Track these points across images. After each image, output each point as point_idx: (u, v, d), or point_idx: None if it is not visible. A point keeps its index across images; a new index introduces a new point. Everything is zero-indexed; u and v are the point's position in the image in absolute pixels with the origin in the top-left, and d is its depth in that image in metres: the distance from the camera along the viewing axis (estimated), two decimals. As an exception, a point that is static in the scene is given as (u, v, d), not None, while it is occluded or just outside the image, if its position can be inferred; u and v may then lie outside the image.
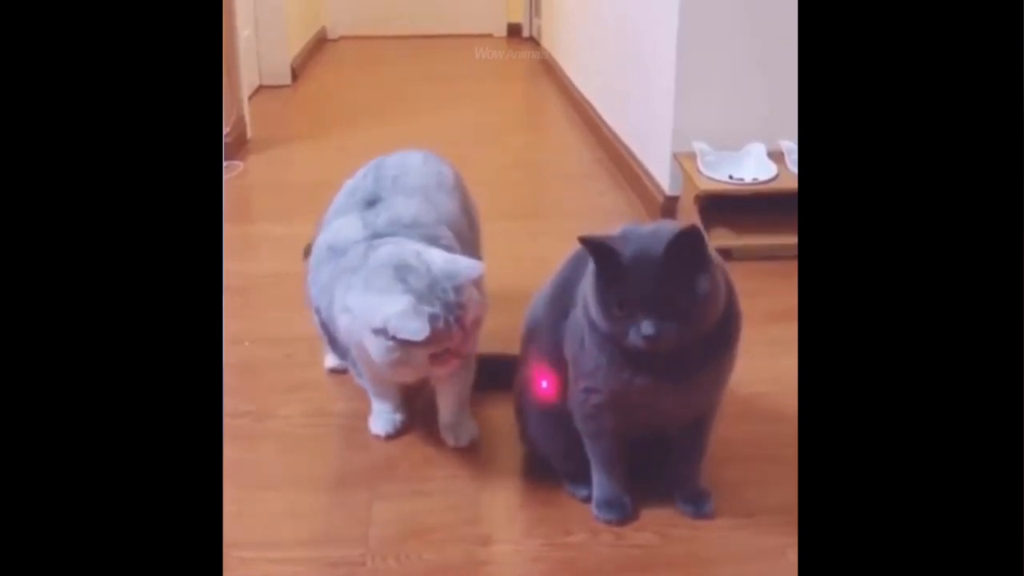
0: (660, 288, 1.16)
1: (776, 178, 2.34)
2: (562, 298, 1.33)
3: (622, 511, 1.37)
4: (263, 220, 2.82)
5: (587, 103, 3.76)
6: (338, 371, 1.75)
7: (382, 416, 1.59)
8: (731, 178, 2.37)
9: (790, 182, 2.29)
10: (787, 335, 1.38)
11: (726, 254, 2.17)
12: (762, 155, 2.41)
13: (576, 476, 1.41)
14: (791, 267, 1.71)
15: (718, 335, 1.24)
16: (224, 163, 3.13)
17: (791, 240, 1.96)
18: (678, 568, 1.29)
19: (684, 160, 2.45)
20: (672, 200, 2.56)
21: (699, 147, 2.44)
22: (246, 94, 3.66)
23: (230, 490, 1.21)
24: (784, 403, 1.65)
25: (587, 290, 1.23)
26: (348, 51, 5.84)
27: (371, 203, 1.55)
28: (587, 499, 1.39)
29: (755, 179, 2.36)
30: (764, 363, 1.71)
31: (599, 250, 1.19)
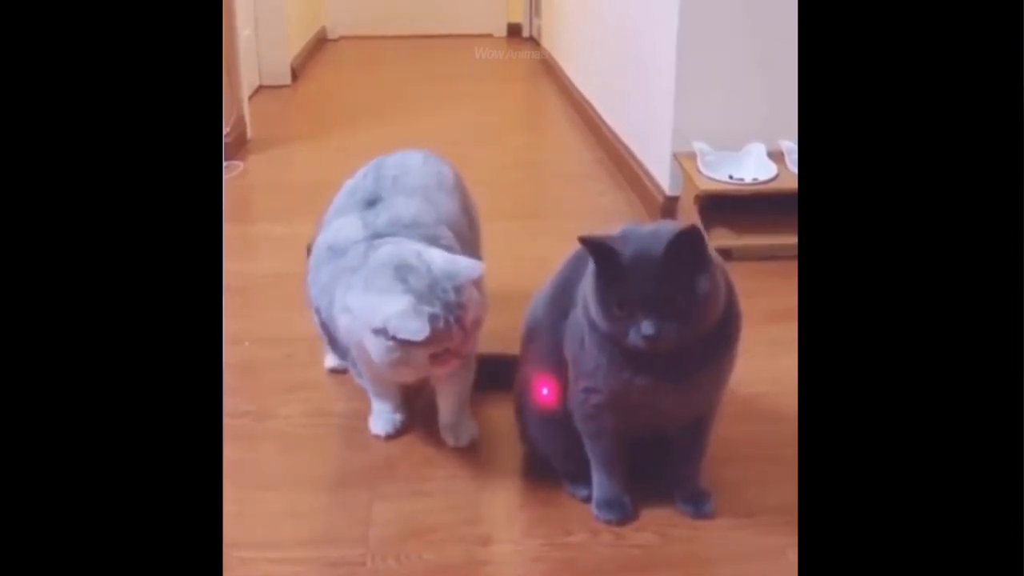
0: (660, 288, 1.16)
1: (776, 178, 2.34)
2: (562, 298, 1.33)
3: (622, 511, 1.37)
4: (263, 220, 2.82)
5: (587, 103, 3.76)
6: (338, 371, 1.75)
7: (382, 416, 1.59)
8: (731, 178, 2.37)
9: (790, 182, 2.29)
10: (787, 335, 1.38)
11: (726, 254, 2.17)
12: (762, 155, 2.41)
13: (576, 476, 1.41)
14: (791, 267, 1.71)
15: (718, 335, 1.24)
16: (224, 163, 3.13)
17: (791, 240, 1.96)
18: (678, 568, 1.29)
19: (684, 160, 2.45)
20: (672, 200, 2.56)
21: (699, 147, 2.44)
22: (246, 94, 3.66)
23: (230, 490, 1.21)
24: (784, 403, 1.65)
25: (587, 290, 1.23)
26: (348, 51, 5.84)
27: (371, 203, 1.55)
28: (587, 499, 1.39)
29: (755, 179, 2.36)
30: (764, 363, 1.71)
31: (599, 250, 1.19)
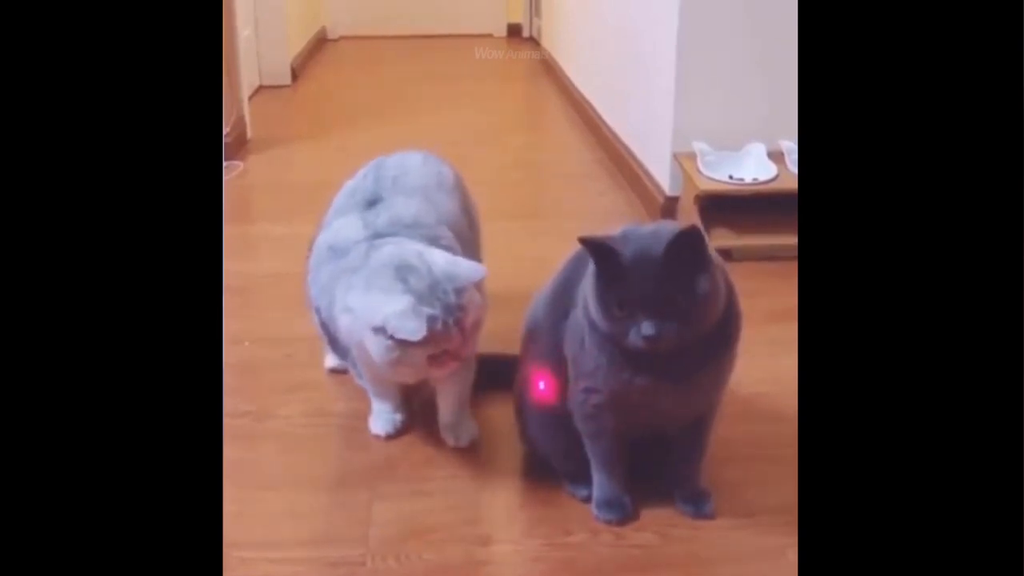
0: (660, 288, 1.16)
1: (776, 178, 2.34)
2: (562, 298, 1.33)
3: (622, 511, 1.37)
4: (263, 220, 2.82)
5: (587, 103, 3.76)
6: (338, 371, 1.75)
7: (382, 416, 1.59)
8: (731, 178, 2.37)
9: (790, 182, 2.29)
10: (787, 335, 1.38)
11: (726, 254, 2.17)
12: (762, 155, 2.40)
13: (576, 476, 1.41)
14: (791, 267, 1.71)
15: (718, 335, 1.24)
16: (224, 163, 3.13)
17: (791, 240, 1.95)
18: (678, 568, 1.29)
19: (684, 160, 2.45)
20: (672, 200, 2.56)
21: (699, 147, 2.44)
22: (246, 94, 3.66)
23: (230, 490, 1.21)
24: (784, 403, 1.64)
25: (587, 290, 1.23)
26: (348, 51, 5.84)
27: (371, 203, 1.55)
28: (587, 499, 1.39)
29: (755, 179, 2.36)
30: (764, 363, 1.71)
31: (599, 250, 1.19)
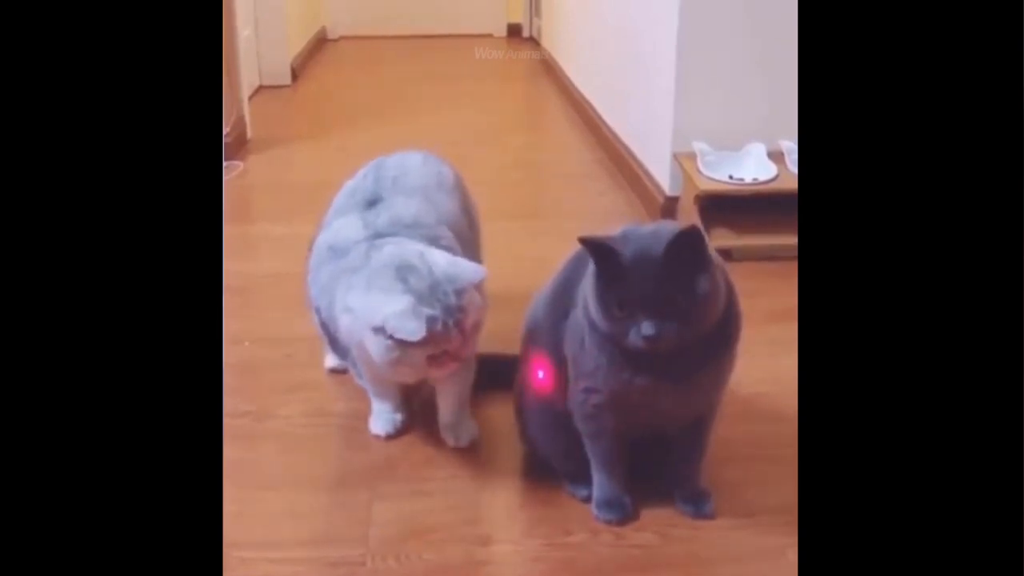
0: (660, 288, 1.16)
1: (776, 178, 2.34)
2: (562, 298, 1.33)
3: (622, 511, 1.37)
4: (263, 220, 2.82)
5: (587, 103, 3.76)
6: (338, 371, 1.75)
7: (382, 416, 1.59)
8: (731, 178, 2.37)
9: (790, 182, 2.29)
10: (787, 335, 1.38)
11: (726, 254, 2.17)
12: (762, 155, 2.40)
13: (576, 476, 1.41)
14: (791, 267, 1.71)
15: (718, 335, 1.24)
16: (224, 163, 3.13)
17: (791, 240, 1.95)
18: (678, 568, 1.29)
19: (684, 160, 2.45)
20: (672, 200, 2.56)
21: (699, 147, 2.44)
22: (246, 94, 3.66)
23: (230, 490, 1.21)
24: (784, 403, 1.64)
25: (587, 290, 1.23)
26: (348, 51, 5.84)
27: (371, 203, 1.55)
28: (587, 499, 1.39)
29: (755, 179, 2.36)
30: (764, 363, 1.71)
31: (599, 250, 1.19)
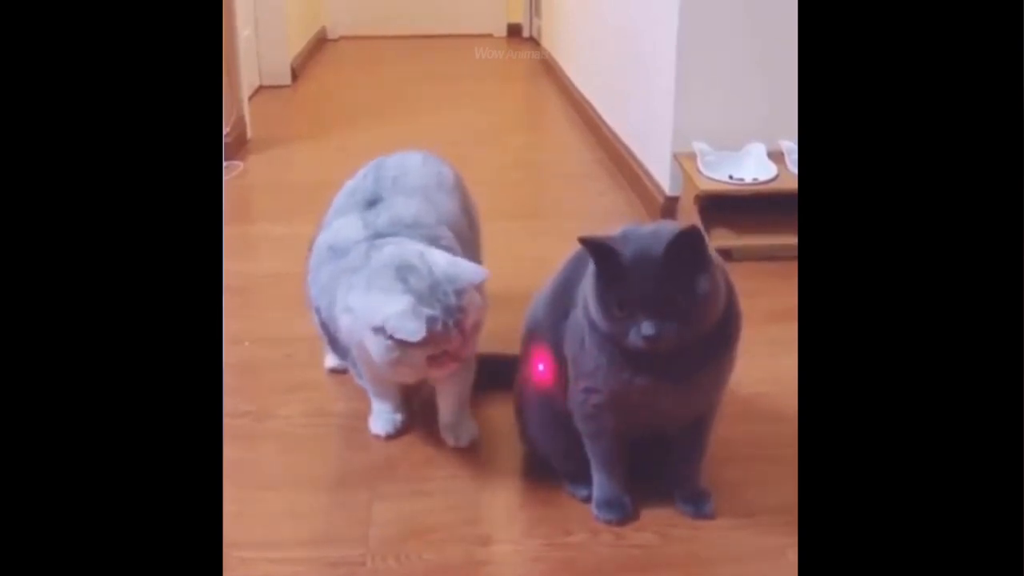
0: (660, 288, 1.16)
1: (776, 178, 2.34)
2: (562, 298, 1.33)
3: (622, 511, 1.37)
4: (263, 220, 2.82)
5: (587, 103, 3.76)
6: (338, 371, 1.75)
7: (382, 416, 1.59)
8: (731, 178, 2.37)
9: (790, 182, 2.29)
10: (787, 335, 1.38)
11: (726, 254, 2.17)
12: (762, 155, 2.40)
13: (576, 476, 1.41)
14: (791, 267, 1.71)
15: (718, 335, 1.24)
16: (224, 163, 3.13)
17: (791, 240, 1.95)
18: (678, 568, 1.29)
19: (684, 160, 2.45)
20: (672, 200, 2.56)
21: (699, 147, 2.44)
22: (246, 94, 3.66)
23: (230, 490, 1.21)
24: (784, 403, 1.64)
25: (587, 290, 1.23)
26: (348, 51, 5.84)
27: (371, 203, 1.55)
28: (587, 499, 1.39)
29: (755, 179, 2.36)
30: (764, 363, 1.71)
31: (599, 250, 1.19)
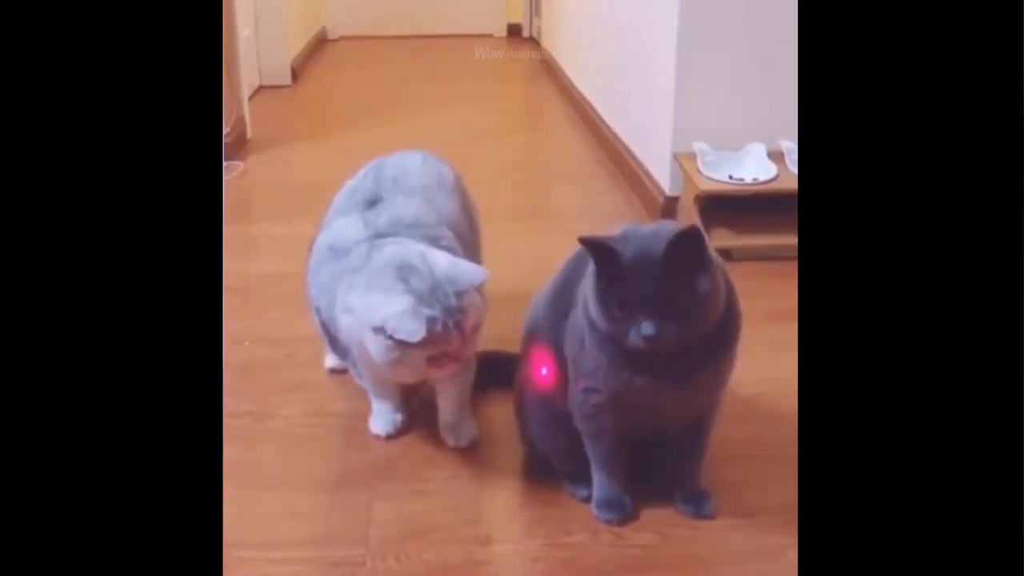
0: (660, 288, 1.16)
1: (776, 178, 2.34)
2: (562, 298, 1.33)
3: (622, 511, 1.37)
4: (263, 220, 2.82)
5: (587, 103, 3.76)
6: (338, 371, 1.75)
7: (382, 416, 1.59)
8: (731, 178, 2.37)
9: (790, 182, 2.29)
10: (787, 335, 1.38)
11: (726, 254, 2.17)
12: (762, 155, 2.40)
13: (576, 476, 1.41)
14: (791, 267, 1.71)
15: (718, 335, 1.24)
16: (224, 163, 3.13)
17: (791, 240, 1.95)
18: (678, 568, 1.29)
19: (684, 160, 2.45)
20: (672, 200, 2.56)
21: (699, 147, 2.44)
22: (246, 94, 3.66)
23: (230, 490, 1.21)
24: (784, 403, 1.64)
25: (587, 290, 1.23)
26: (348, 51, 5.84)
27: (371, 203, 1.55)
28: (587, 499, 1.39)
29: (755, 179, 2.36)
30: (764, 363, 1.71)
31: (599, 250, 1.19)
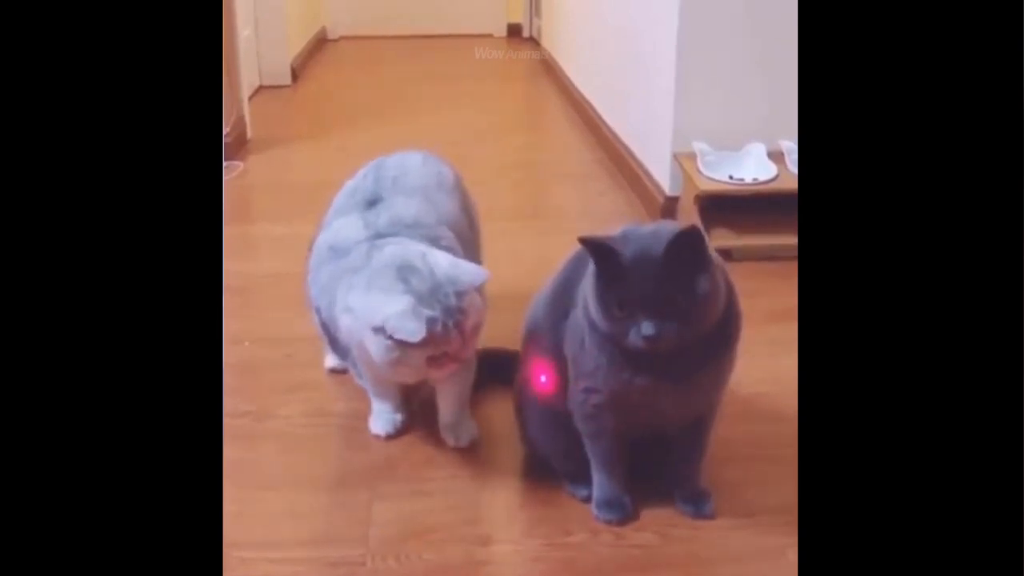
0: (660, 288, 1.16)
1: (776, 178, 2.34)
2: (562, 298, 1.33)
3: (622, 511, 1.37)
4: (263, 220, 2.82)
5: (587, 103, 3.76)
6: (338, 371, 1.75)
7: (382, 416, 1.59)
8: (731, 178, 2.37)
9: (790, 182, 2.29)
10: (787, 335, 1.38)
11: (726, 254, 2.17)
12: (762, 155, 2.40)
13: (576, 476, 1.41)
14: (791, 267, 1.71)
15: (718, 335, 1.24)
16: (224, 163, 3.13)
17: (791, 240, 1.95)
18: (678, 568, 1.29)
19: (684, 160, 2.45)
20: (672, 200, 2.56)
21: (699, 147, 2.44)
22: (246, 94, 3.66)
23: (230, 490, 1.21)
24: (784, 403, 1.64)
25: (587, 290, 1.23)
26: (348, 51, 5.84)
27: (371, 203, 1.55)
28: (587, 499, 1.39)
29: (755, 179, 2.36)
30: (764, 363, 1.71)
31: (599, 250, 1.19)
